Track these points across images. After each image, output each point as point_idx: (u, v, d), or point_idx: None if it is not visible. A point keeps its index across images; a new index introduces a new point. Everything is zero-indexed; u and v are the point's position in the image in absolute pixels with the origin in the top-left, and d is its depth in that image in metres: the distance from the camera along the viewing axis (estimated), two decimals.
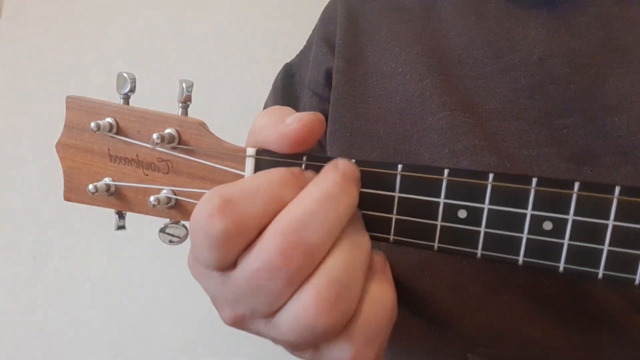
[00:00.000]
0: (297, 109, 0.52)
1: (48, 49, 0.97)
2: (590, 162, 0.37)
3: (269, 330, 0.25)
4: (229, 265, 0.24)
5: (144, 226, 0.43)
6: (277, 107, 0.29)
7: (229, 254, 0.24)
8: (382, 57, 0.45)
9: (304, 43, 0.56)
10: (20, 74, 0.98)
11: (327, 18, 0.53)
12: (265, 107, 0.56)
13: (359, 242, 0.25)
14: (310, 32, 0.57)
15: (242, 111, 0.99)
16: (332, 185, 0.24)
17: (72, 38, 0.98)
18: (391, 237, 0.28)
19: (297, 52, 0.56)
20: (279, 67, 0.56)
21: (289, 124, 0.26)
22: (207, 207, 0.23)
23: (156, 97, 0.94)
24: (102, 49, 0.98)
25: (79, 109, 0.33)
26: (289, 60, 0.56)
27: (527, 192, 0.25)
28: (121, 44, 0.98)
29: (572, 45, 0.39)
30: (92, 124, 0.31)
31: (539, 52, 0.40)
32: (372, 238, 0.28)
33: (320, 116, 0.27)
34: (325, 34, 0.51)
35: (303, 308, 0.23)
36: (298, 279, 0.23)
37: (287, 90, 0.54)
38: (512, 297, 0.36)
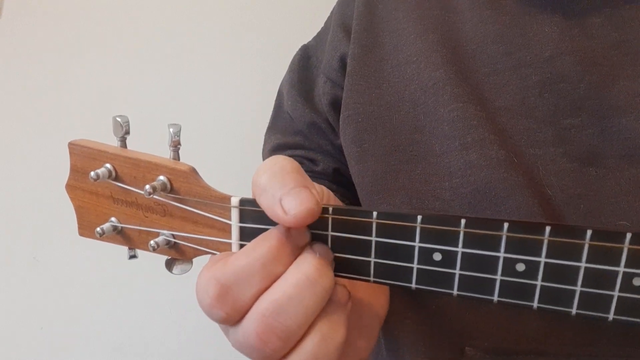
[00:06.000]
0: (312, 92, 0.53)
1: (48, 49, 0.97)
2: (596, 163, 0.36)
3: None
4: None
5: None
6: (277, 167, 0.28)
7: (229, 324, 0.28)
8: (398, 43, 0.45)
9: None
10: (20, 74, 0.98)
11: (345, 1, 0.53)
12: (280, 89, 0.57)
13: (336, 324, 0.27)
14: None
15: (243, 110, 1.00)
16: (312, 269, 0.27)
17: (73, 38, 0.98)
18: (371, 279, 0.29)
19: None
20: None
21: (284, 216, 0.26)
22: (207, 293, 0.27)
23: (157, 95, 0.96)
24: (103, 48, 0.98)
25: (80, 155, 0.35)
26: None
27: (499, 236, 0.26)
28: (122, 43, 0.98)
29: (585, 44, 0.39)
30: (92, 174, 0.33)
31: (550, 50, 0.39)
32: (354, 279, 0.29)
33: (317, 206, 0.26)
34: (342, 18, 0.51)
35: None
36: (275, 357, 0.26)
37: (303, 72, 0.54)
38: None
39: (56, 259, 1.01)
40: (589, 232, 0.24)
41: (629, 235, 0.24)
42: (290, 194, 0.26)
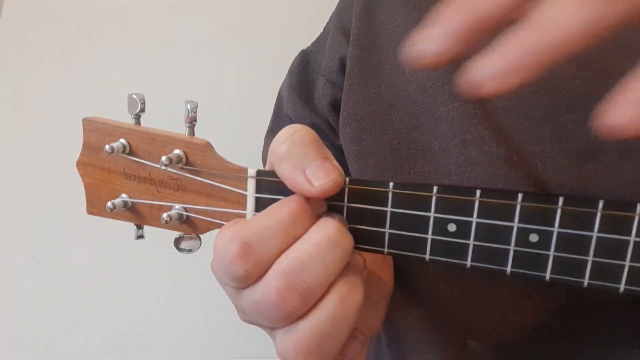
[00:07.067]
0: (312, 94, 0.54)
1: (48, 50, 0.98)
2: (593, 158, 0.37)
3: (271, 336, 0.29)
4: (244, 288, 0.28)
5: (145, 227, 0.46)
6: (297, 136, 0.28)
7: (245, 284, 0.27)
8: (396, 46, 0.46)
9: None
10: (20, 74, 0.98)
11: (343, 7, 0.54)
12: (279, 93, 0.58)
13: (354, 286, 0.28)
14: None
15: (246, 107, 1.01)
16: (333, 229, 0.27)
17: (73, 38, 0.98)
18: (385, 250, 0.29)
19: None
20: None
21: (309, 187, 0.27)
22: (228, 250, 0.26)
23: (157, 96, 0.97)
24: (103, 48, 0.99)
25: (94, 131, 0.35)
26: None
27: (514, 206, 0.26)
28: (123, 43, 0.99)
29: None
30: (107, 147, 0.33)
31: None
32: (367, 251, 0.30)
33: (341, 177, 0.27)
34: (341, 23, 0.52)
35: (292, 343, 0.27)
36: (294, 316, 0.26)
37: (303, 76, 0.55)
38: (512, 287, 0.38)
39: (56, 259, 1.01)
40: (601, 203, 0.25)
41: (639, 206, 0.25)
42: (313, 165, 0.27)
